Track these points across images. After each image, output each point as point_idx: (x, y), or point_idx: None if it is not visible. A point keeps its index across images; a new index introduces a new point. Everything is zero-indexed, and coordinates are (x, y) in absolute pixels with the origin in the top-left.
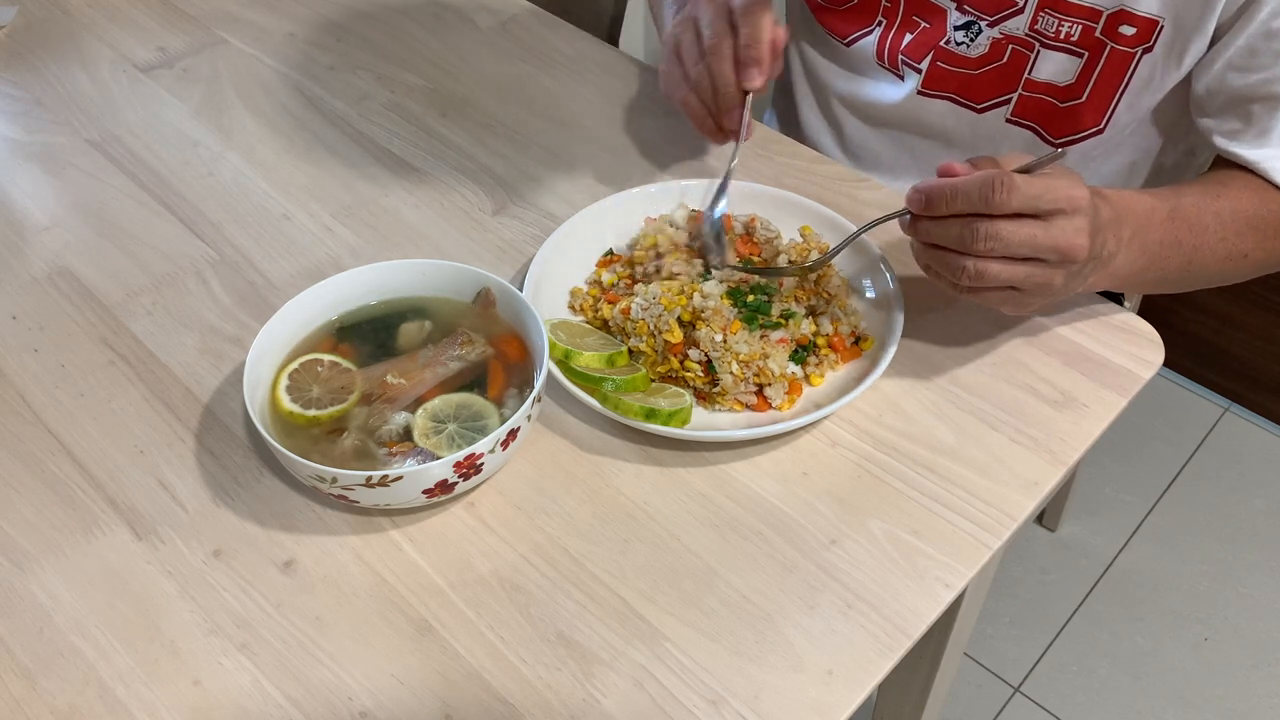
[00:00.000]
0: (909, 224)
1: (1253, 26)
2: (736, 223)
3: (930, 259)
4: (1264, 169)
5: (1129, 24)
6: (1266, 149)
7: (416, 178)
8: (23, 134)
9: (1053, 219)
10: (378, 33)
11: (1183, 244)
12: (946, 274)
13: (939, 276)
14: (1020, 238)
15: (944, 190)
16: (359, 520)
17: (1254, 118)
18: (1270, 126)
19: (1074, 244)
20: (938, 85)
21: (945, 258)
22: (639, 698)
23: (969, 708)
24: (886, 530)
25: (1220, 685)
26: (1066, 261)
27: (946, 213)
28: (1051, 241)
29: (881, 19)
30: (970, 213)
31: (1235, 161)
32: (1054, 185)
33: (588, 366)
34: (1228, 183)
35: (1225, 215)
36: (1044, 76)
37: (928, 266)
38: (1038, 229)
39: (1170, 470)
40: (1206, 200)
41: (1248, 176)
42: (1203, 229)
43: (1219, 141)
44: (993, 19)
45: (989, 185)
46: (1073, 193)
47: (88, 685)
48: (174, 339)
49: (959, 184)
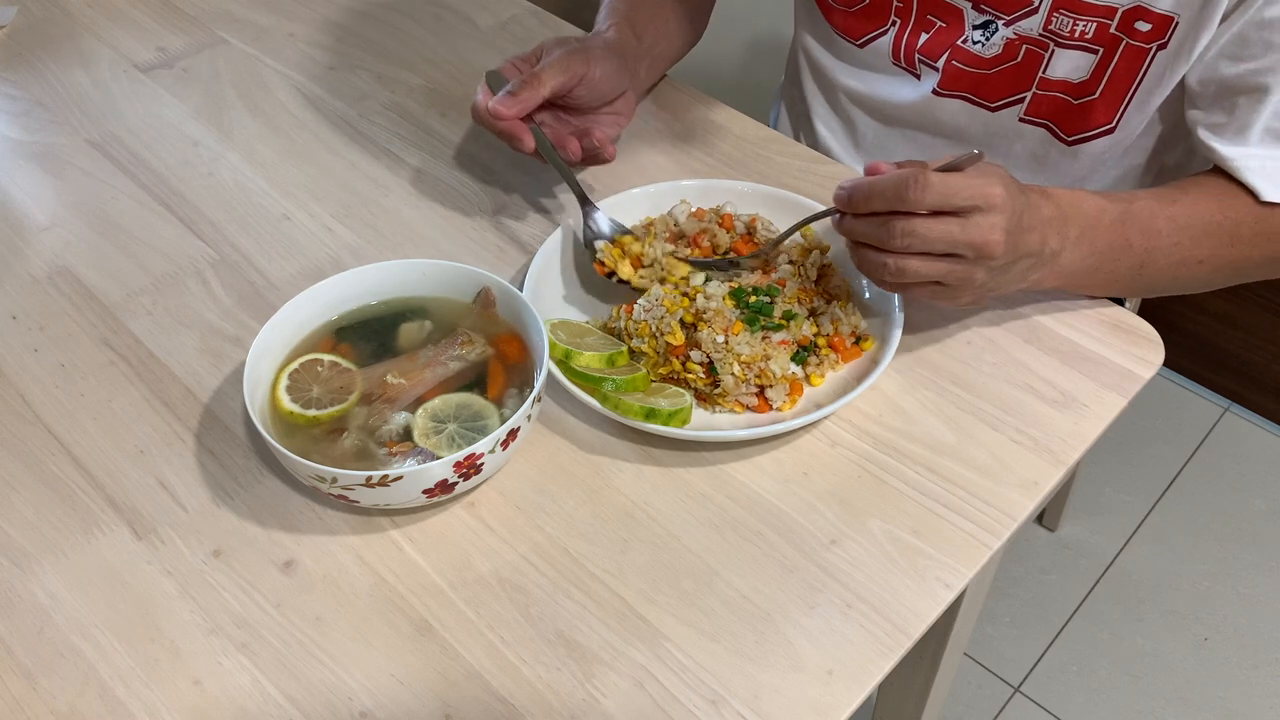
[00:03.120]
0: (837, 222)
1: (1248, 15)
2: (738, 222)
3: (855, 256)
4: (1235, 166)
5: (1145, 20)
6: (1242, 147)
7: (416, 178)
8: (23, 134)
9: (969, 215)
10: (378, 33)
11: (1134, 247)
12: (869, 271)
13: (867, 273)
14: (935, 234)
15: (862, 187)
16: (359, 520)
17: (1237, 111)
18: (1250, 123)
19: (989, 240)
20: (953, 85)
21: (868, 254)
22: (639, 698)
23: (969, 708)
24: (886, 530)
25: (1220, 685)
26: (984, 257)
27: (865, 210)
28: (967, 237)
29: (895, 19)
30: (888, 211)
31: (1210, 158)
32: (969, 183)
33: (588, 366)
34: (1187, 188)
35: (1180, 220)
36: (1058, 75)
37: (858, 264)
38: (954, 225)
39: (1170, 470)
40: (1161, 205)
41: (1210, 182)
42: (1155, 233)
43: (1201, 135)
44: (1010, 18)
45: (904, 183)
46: (988, 190)
47: (88, 685)
48: (174, 339)
49: (876, 182)
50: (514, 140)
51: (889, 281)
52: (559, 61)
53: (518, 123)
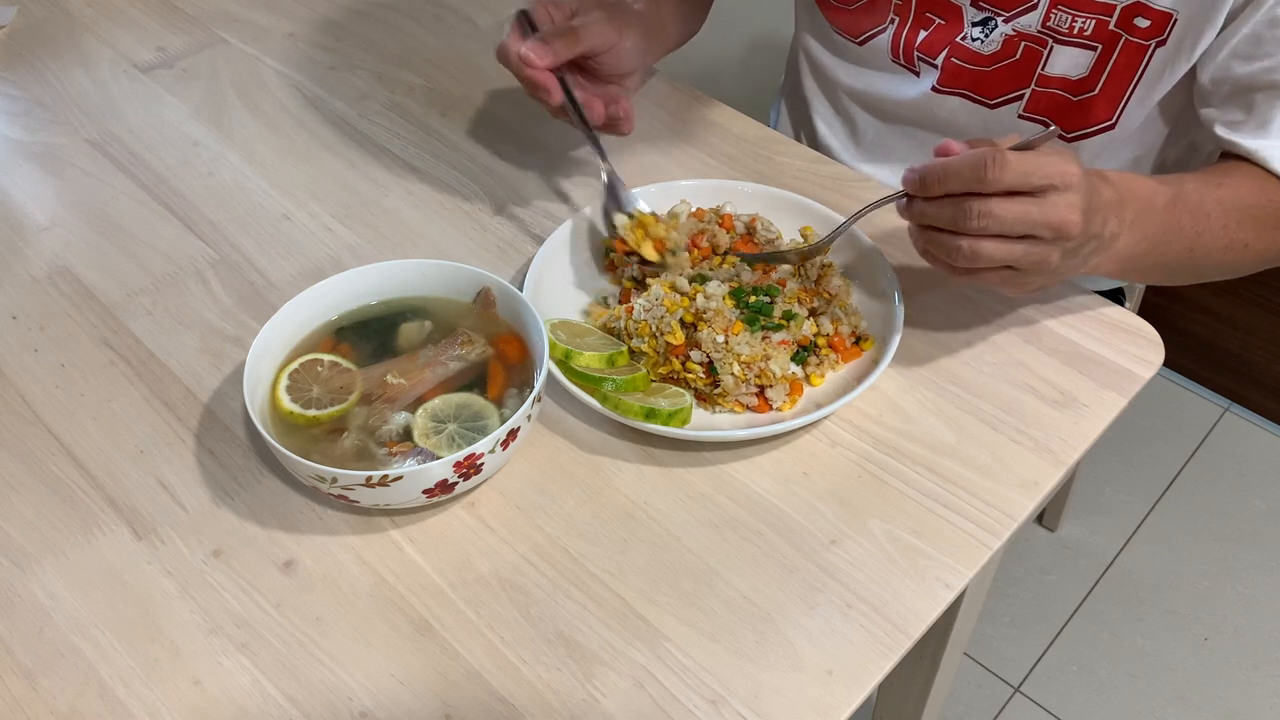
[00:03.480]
0: (904, 207)
1: (1259, 14)
2: (738, 222)
3: (926, 241)
4: (1263, 158)
5: (1144, 16)
6: (1267, 139)
7: (416, 178)
8: (23, 134)
9: (1046, 195)
10: (378, 33)
11: (1185, 230)
12: (942, 255)
13: (936, 259)
14: (1014, 215)
15: (937, 170)
16: (359, 520)
17: (1256, 107)
18: (1271, 117)
19: (1067, 219)
20: (952, 82)
21: (940, 239)
22: (639, 698)
23: (969, 708)
24: (886, 530)
25: (1220, 685)
26: (1061, 238)
27: (940, 192)
28: (1045, 218)
29: (894, 17)
30: (964, 192)
31: (1236, 152)
32: (1046, 161)
33: (588, 366)
34: (1230, 172)
35: (1227, 204)
36: (1057, 71)
37: (925, 250)
38: (1031, 206)
39: (1170, 470)
40: (1208, 188)
41: (1249, 167)
42: (1205, 216)
43: (1220, 132)
44: (1009, 15)
45: (981, 163)
46: (1065, 168)
47: (88, 685)
48: (174, 339)
49: (951, 163)
50: (540, 91)
51: (961, 266)
52: (598, 24)
53: (547, 74)
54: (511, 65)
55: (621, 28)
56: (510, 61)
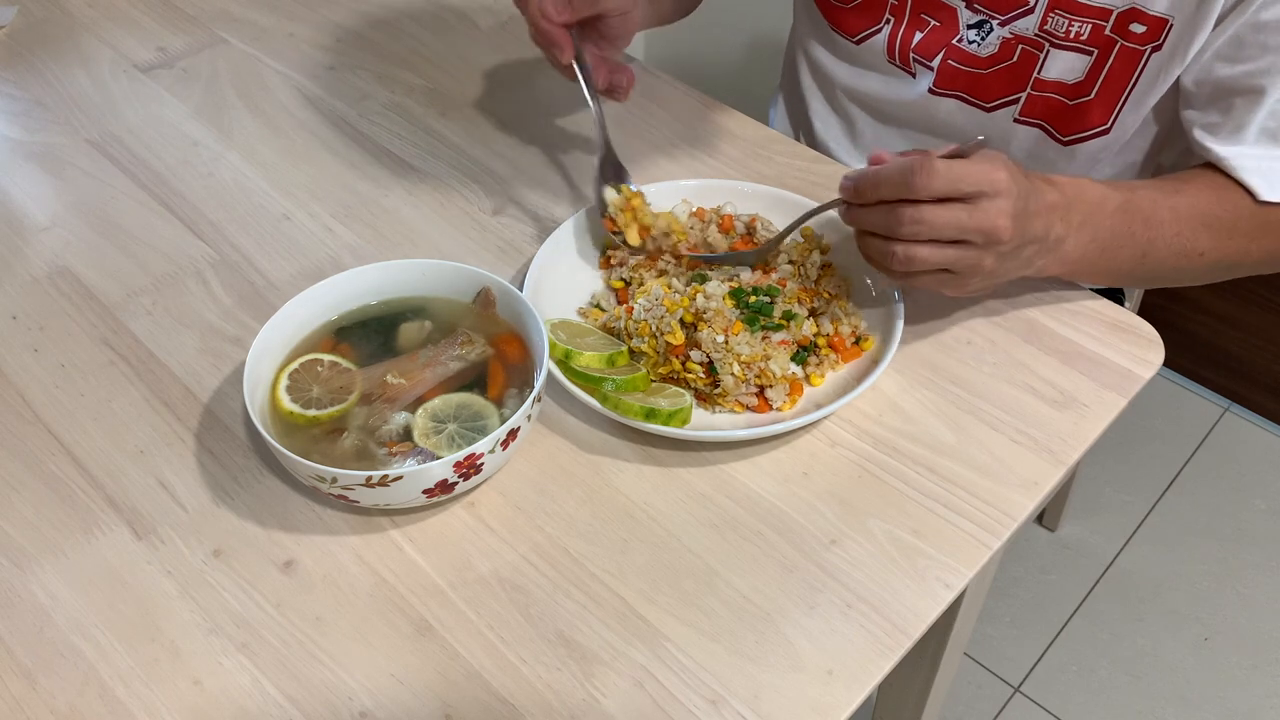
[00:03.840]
0: (844, 212)
1: (1244, 18)
2: (738, 222)
3: (863, 246)
4: (1231, 165)
5: (1139, 22)
6: (1238, 146)
7: (416, 178)
8: (23, 134)
9: (976, 201)
10: (378, 33)
11: (1136, 236)
12: (878, 259)
13: (874, 262)
14: (944, 220)
15: (869, 176)
16: (359, 520)
17: (1233, 111)
18: (1246, 122)
19: (997, 224)
20: (948, 84)
21: (876, 244)
22: (639, 698)
23: (969, 708)
24: (886, 530)
25: (1220, 685)
26: (992, 242)
27: (873, 199)
28: (975, 223)
29: (889, 17)
30: (895, 199)
31: (1206, 157)
32: (974, 169)
33: (588, 366)
34: (1189, 180)
35: (1182, 211)
36: (1053, 75)
37: (864, 253)
38: (961, 212)
39: (1170, 470)
40: (1163, 196)
41: (1210, 175)
42: (1158, 223)
43: (1196, 135)
44: (1004, 18)
45: (910, 171)
46: (994, 175)
47: (88, 685)
48: (174, 339)
49: (881, 171)
50: (553, 48)
51: (897, 270)
52: None
53: (563, 30)
54: (529, 14)
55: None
56: (529, 10)
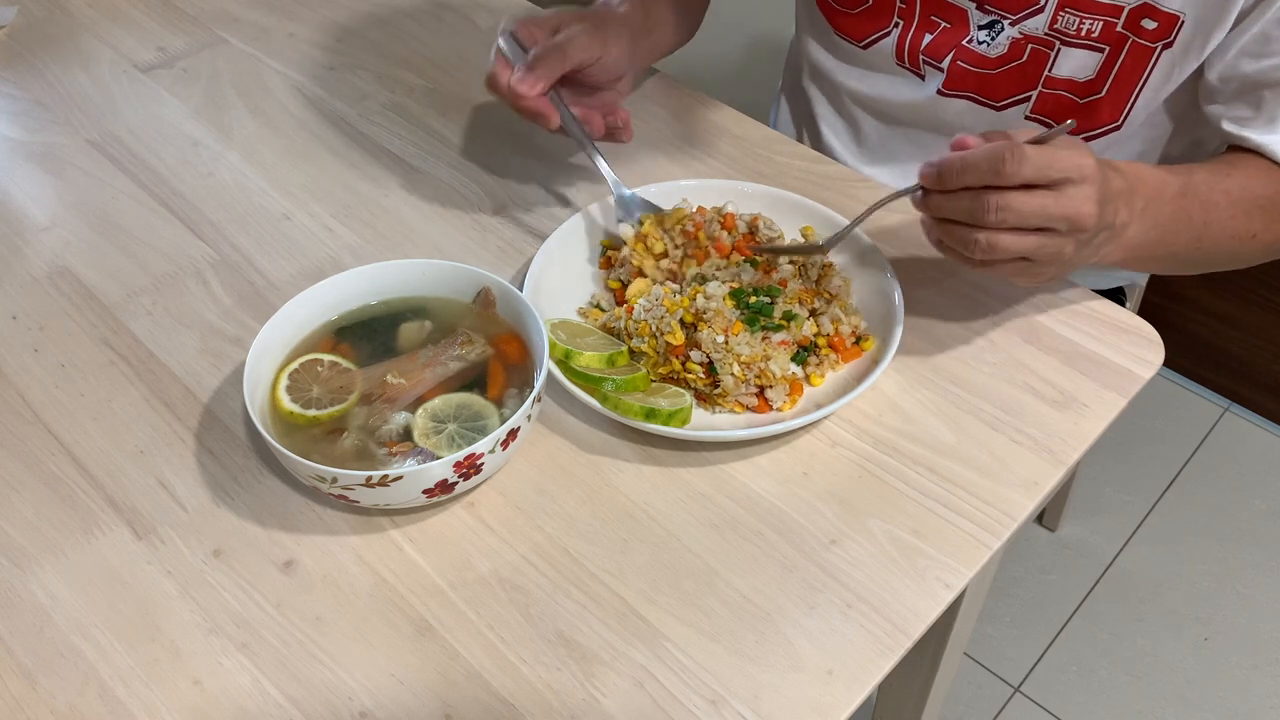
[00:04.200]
0: (920, 200)
1: (1270, 14)
2: (740, 222)
3: (942, 233)
4: (1273, 152)
5: (1151, 18)
6: (1275, 134)
7: (416, 178)
8: (23, 134)
9: (1062, 188)
10: (378, 33)
11: (1193, 219)
12: (959, 248)
13: (951, 251)
14: (1031, 208)
15: (954, 163)
16: (359, 520)
17: (1264, 104)
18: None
19: (1083, 212)
20: (958, 85)
21: (956, 231)
22: (639, 698)
23: (969, 708)
24: (886, 530)
25: (1220, 685)
26: (1076, 230)
27: (957, 185)
28: (1062, 210)
29: (898, 20)
30: (980, 185)
31: (1244, 145)
32: (1062, 155)
33: (588, 366)
34: (1237, 163)
35: (1235, 194)
36: (1064, 74)
37: (940, 242)
38: (1048, 199)
39: (1170, 470)
40: (1216, 178)
41: (1256, 158)
42: (1213, 205)
43: (1228, 127)
44: (1015, 18)
45: (999, 156)
46: (1081, 161)
47: (88, 685)
48: (174, 339)
49: (969, 156)
50: (538, 118)
51: (977, 259)
52: (580, 38)
53: (541, 99)
54: (503, 96)
55: (605, 37)
56: (501, 93)
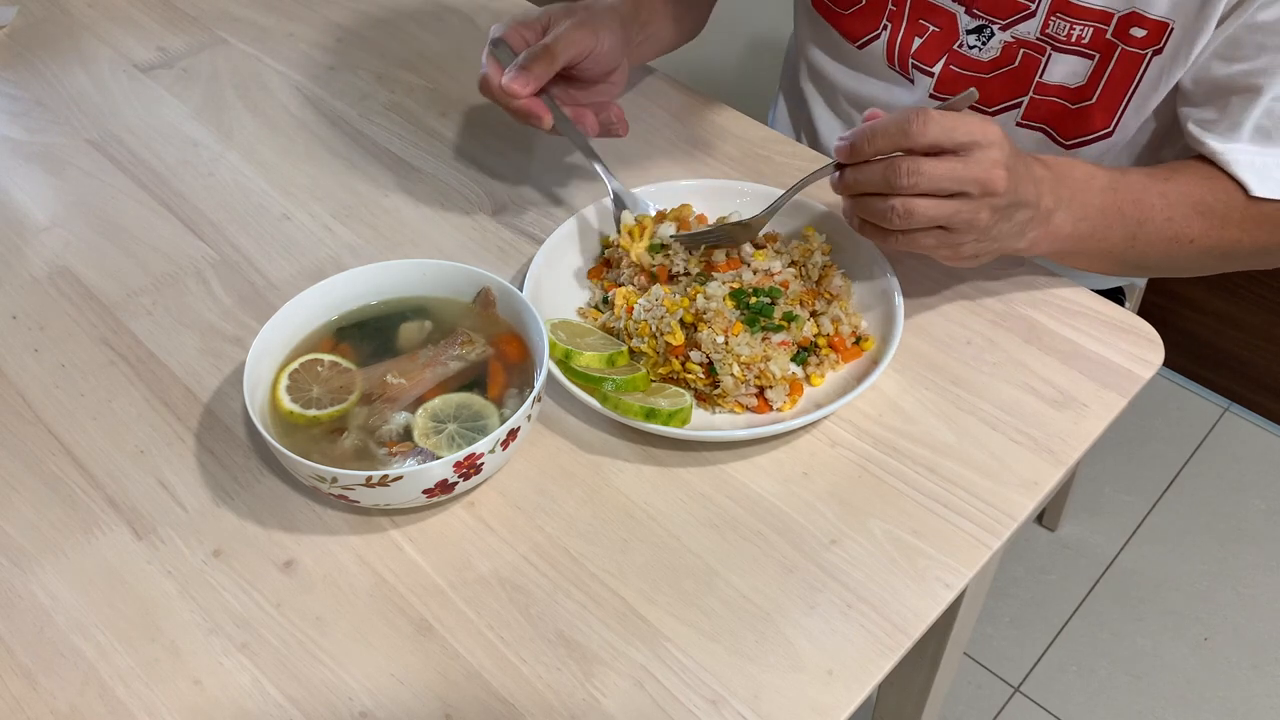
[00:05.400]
0: (837, 181)
1: (1242, 18)
2: None
3: (860, 209)
4: (1226, 160)
5: (1140, 26)
6: (1233, 143)
7: (416, 178)
8: (23, 134)
9: (970, 151)
10: (378, 33)
11: (1126, 215)
12: (876, 218)
13: (871, 229)
14: (941, 171)
15: (865, 131)
16: (359, 520)
17: (1229, 109)
18: (1242, 120)
19: (992, 174)
20: (950, 89)
21: (873, 203)
22: (639, 698)
23: (969, 708)
24: (886, 530)
25: (1220, 685)
26: (988, 193)
27: (870, 153)
28: (970, 173)
29: (887, 23)
30: (891, 150)
31: (1200, 151)
32: (967, 119)
33: (588, 366)
34: (1180, 169)
35: (1172, 197)
36: (1055, 79)
37: (859, 218)
38: (957, 163)
39: (1170, 470)
40: (1153, 181)
41: (1202, 165)
42: (1147, 205)
43: (1191, 130)
44: (1005, 23)
45: (906, 119)
46: (986, 126)
47: (88, 685)
48: (174, 339)
49: (877, 123)
50: (531, 118)
51: (895, 227)
52: (569, 34)
53: (533, 100)
54: (496, 99)
55: (595, 30)
56: (494, 95)
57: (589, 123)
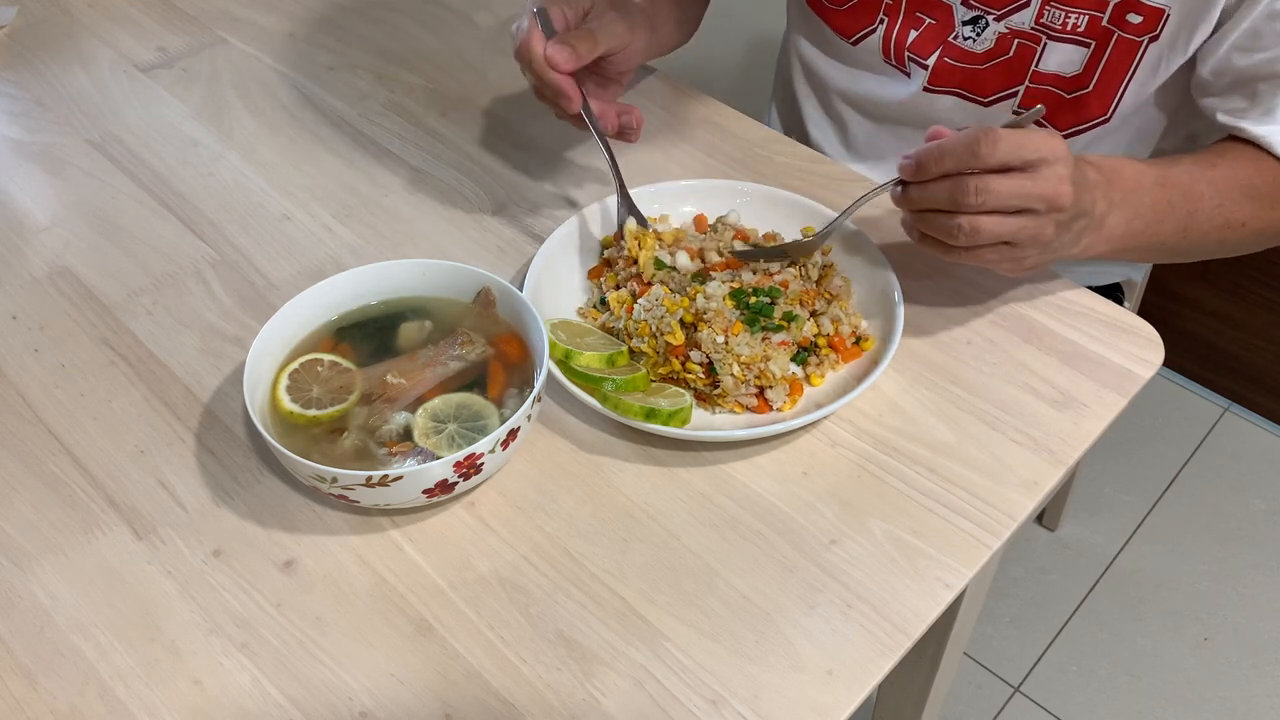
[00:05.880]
0: (899, 195)
1: (1258, 10)
2: (757, 236)
3: (924, 225)
4: (1270, 143)
5: (1136, 13)
6: (1272, 125)
7: (416, 178)
8: (23, 134)
9: (1038, 168)
10: (378, 33)
11: (1176, 209)
12: (942, 235)
13: (932, 243)
14: (1009, 189)
15: (932, 151)
16: (359, 520)
17: (1259, 96)
18: (1275, 105)
19: (1060, 190)
20: (944, 80)
21: (938, 220)
22: (639, 698)
23: (969, 708)
24: (886, 530)
25: (1220, 685)
26: (1054, 209)
27: (936, 173)
28: (1039, 190)
29: (884, 17)
30: (958, 170)
31: (1240, 136)
32: (1035, 136)
33: (588, 366)
34: (1224, 153)
35: (1220, 184)
36: (1051, 68)
37: (922, 235)
38: (1025, 180)
39: (1170, 470)
40: (1200, 169)
41: (1244, 148)
42: (1197, 195)
43: (1223, 119)
44: (1000, 13)
45: (974, 139)
46: (1053, 143)
47: (88, 685)
48: (174, 339)
49: (945, 143)
50: (560, 97)
51: (961, 245)
52: (613, 25)
53: (569, 79)
54: (535, 65)
55: (632, 26)
56: (534, 61)
57: (609, 119)
